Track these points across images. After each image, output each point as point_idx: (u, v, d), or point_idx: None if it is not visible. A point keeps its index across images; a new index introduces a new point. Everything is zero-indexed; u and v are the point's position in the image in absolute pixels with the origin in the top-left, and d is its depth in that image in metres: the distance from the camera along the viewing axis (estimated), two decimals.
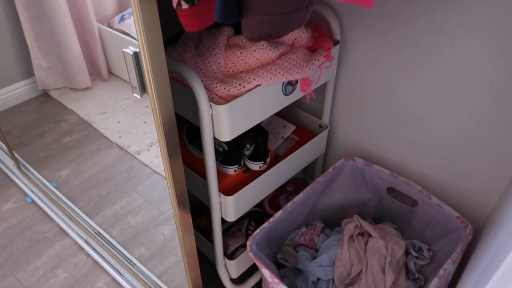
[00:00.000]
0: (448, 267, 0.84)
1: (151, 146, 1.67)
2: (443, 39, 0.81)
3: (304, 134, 1.11)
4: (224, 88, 0.76)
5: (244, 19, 0.56)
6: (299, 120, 1.15)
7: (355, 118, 1.08)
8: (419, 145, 0.98)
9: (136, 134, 1.73)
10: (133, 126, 1.76)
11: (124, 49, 0.58)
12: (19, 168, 1.61)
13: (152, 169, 1.58)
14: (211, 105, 0.75)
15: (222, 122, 0.77)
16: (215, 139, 0.81)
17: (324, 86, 1.04)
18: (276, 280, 0.83)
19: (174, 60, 0.76)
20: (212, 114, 0.77)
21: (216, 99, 0.77)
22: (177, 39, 0.88)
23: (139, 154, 1.65)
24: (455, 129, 0.90)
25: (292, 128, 1.10)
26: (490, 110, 0.82)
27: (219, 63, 0.80)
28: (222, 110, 0.75)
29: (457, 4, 0.76)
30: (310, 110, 1.15)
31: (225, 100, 0.77)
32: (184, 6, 0.55)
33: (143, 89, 0.61)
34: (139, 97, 0.61)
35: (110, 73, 1.98)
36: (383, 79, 0.96)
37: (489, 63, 0.78)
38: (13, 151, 1.60)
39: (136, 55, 0.58)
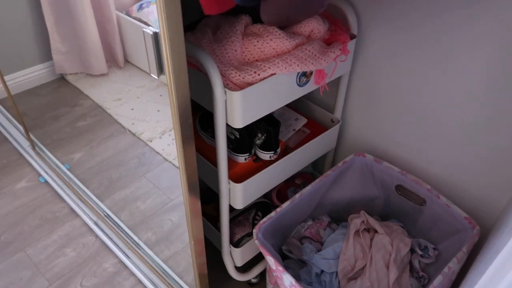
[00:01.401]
0: (453, 265, 0.84)
1: (163, 134, 1.69)
2: (462, 39, 0.81)
3: (316, 128, 1.11)
4: (239, 75, 0.77)
5: (264, 2, 0.57)
6: (311, 114, 1.16)
7: (367, 114, 1.08)
8: (430, 143, 0.98)
9: (149, 121, 1.75)
10: (146, 114, 1.79)
11: (144, 29, 0.59)
12: (33, 148, 1.65)
13: (163, 157, 1.60)
14: (225, 91, 0.76)
15: (235, 109, 0.78)
16: (227, 126, 0.82)
17: (338, 80, 1.04)
18: (281, 268, 0.84)
19: (191, 45, 0.77)
20: (226, 100, 0.78)
21: (231, 86, 0.78)
22: (195, 26, 0.90)
23: (151, 141, 1.67)
24: (467, 129, 0.89)
25: (304, 121, 1.11)
26: (504, 111, 0.82)
27: (235, 50, 0.81)
28: (236, 96, 0.76)
29: (478, 6, 0.76)
30: (323, 104, 1.16)
31: (240, 87, 0.78)
32: None
33: (160, 69, 0.62)
34: (156, 77, 0.63)
35: (126, 61, 2.00)
36: (398, 76, 0.96)
37: (506, 65, 0.77)
38: (29, 132, 1.63)
39: (155, 35, 0.59)
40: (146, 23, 1.80)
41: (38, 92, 1.96)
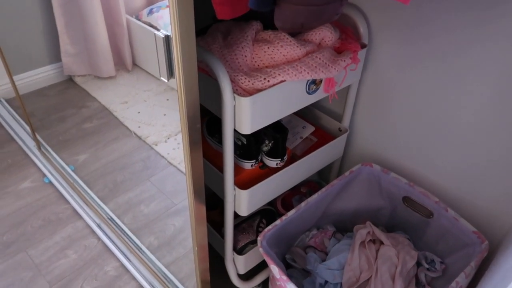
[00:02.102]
0: (461, 280, 0.82)
1: (168, 138, 1.69)
2: (474, 56, 0.80)
3: (323, 136, 1.11)
4: (249, 81, 0.77)
5: (278, 8, 0.56)
6: (319, 122, 1.15)
7: (376, 124, 1.07)
8: (439, 155, 0.97)
9: (155, 125, 1.75)
10: (152, 118, 1.79)
11: (156, 32, 0.59)
12: (39, 149, 1.65)
13: (168, 161, 1.60)
14: (234, 97, 0.76)
15: (244, 115, 0.77)
16: (234, 132, 0.82)
17: (347, 89, 1.03)
18: (284, 278, 0.83)
19: (201, 49, 0.77)
20: (234, 106, 0.77)
21: (240, 91, 0.77)
22: (206, 31, 0.89)
23: (156, 145, 1.66)
24: (476, 142, 0.88)
25: (311, 129, 1.10)
26: None
27: (245, 56, 0.80)
28: (245, 102, 0.76)
29: (490, 27, 0.75)
30: (331, 113, 1.15)
31: (249, 93, 0.77)
32: None
33: (170, 73, 0.62)
34: (166, 80, 0.62)
35: (134, 64, 2.01)
36: (407, 87, 0.95)
37: None
38: (35, 132, 1.63)
39: (167, 39, 0.59)
40: (155, 28, 1.81)
41: (46, 93, 1.97)
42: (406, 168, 1.06)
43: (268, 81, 0.77)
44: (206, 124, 1.05)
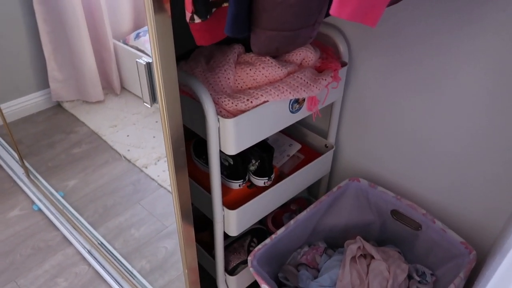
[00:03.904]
0: None
1: (158, 160, 1.69)
2: (450, 63, 0.83)
3: (310, 153, 1.12)
4: (232, 103, 0.78)
5: (253, 34, 0.58)
6: (305, 139, 1.16)
7: (361, 139, 1.09)
8: (424, 168, 0.99)
9: (145, 148, 1.75)
10: (142, 140, 1.79)
11: (138, 60, 0.60)
12: (28, 176, 1.64)
13: (158, 183, 1.59)
14: (218, 119, 0.77)
15: (228, 136, 0.79)
16: (221, 153, 0.82)
17: (331, 107, 1.05)
18: None
19: (185, 73, 0.78)
20: (219, 128, 0.78)
21: (224, 113, 0.79)
22: (189, 55, 0.91)
23: (146, 167, 1.66)
24: (460, 153, 0.90)
25: (298, 146, 1.11)
26: (497, 135, 0.82)
27: (228, 78, 0.82)
28: (229, 124, 0.77)
29: (464, 31, 0.78)
30: (316, 130, 1.17)
31: (233, 114, 0.79)
32: (197, 20, 0.57)
33: (153, 98, 0.63)
34: (149, 106, 0.63)
35: (123, 87, 2.02)
36: (389, 102, 0.98)
37: (496, 90, 0.79)
38: (23, 159, 1.63)
39: (148, 65, 0.60)
40: (143, 51, 1.83)
41: (34, 119, 1.97)
42: (393, 182, 1.07)
43: (251, 102, 0.79)
44: (193, 145, 1.06)
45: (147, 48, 1.80)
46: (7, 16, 1.80)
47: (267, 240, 0.95)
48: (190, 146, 1.06)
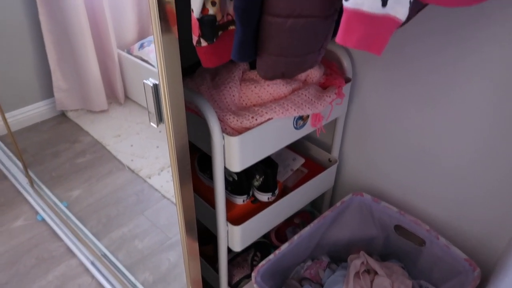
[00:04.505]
0: None
1: (162, 171, 1.69)
2: (454, 78, 0.83)
3: (313, 168, 1.12)
4: (237, 120, 0.79)
5: (260, 59, 0.59)
6: (308, 153, 1.17)
7: (365, 154, 1.09)
8: (428, 183, 0.99)
9: (148, 158, 1.76)
10: (145, 150, 1.80)
11: (145, 81, 0.61)
12: (32, 186, 1.65)
13: (161, 194, 1.60)
14: (223, 136, 0.77)
15: (233, 153, 0.79)
16: (225, 168, 0.83)
17: (335, 121, 1.06)
18: None
19: (190, 91, 0.79)
20: (224, 145, 0.79)
21: (229, 130, 0.79)
22: (195, 69, 0.92)
23: (149, 178, 1.67)
24: (465, 168, 0.90)
25: (301, 161, 1.12)
26: (502, 151, 0.83)
27: (233, 95, 0.83)
28: (234, 141, 0.77)
29: (466, 44, 0.78)
30: (320, 144, 1.17)
31: (238, 131, 0.79)
32: (204, 44, 0.58)
33: (160, 118, 0.64)
34: (156, 126, 0.64)
35: (127, 97, 2.03)
36: (393, 116, 0.98)
37: (501, 104, 0.79)
38: (27, 169, 1.63)
39: (155, 87, 0.60)
40: (147, 61, 1.84)
41: (39, 128, 1.98)
42: (396, 197, 1.07)
43: (256, 119, 0.79)
44: (197, 160, 1.06)
45: (151, 58, 1.82)
46: (13, 27, 1.82)
47: (271, 256, 0.95)
48: (195, 160, 1.06)
